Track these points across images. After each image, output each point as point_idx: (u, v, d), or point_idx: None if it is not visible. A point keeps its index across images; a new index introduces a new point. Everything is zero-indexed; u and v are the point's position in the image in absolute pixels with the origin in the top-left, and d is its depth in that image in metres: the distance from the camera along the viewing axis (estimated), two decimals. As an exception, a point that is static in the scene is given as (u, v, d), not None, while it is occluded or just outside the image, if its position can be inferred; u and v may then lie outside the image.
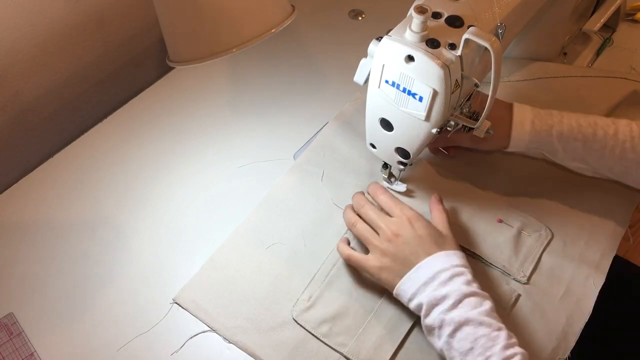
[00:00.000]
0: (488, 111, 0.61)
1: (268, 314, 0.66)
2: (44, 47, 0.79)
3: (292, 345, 0.64)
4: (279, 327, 0.65)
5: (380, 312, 0.65)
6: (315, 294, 0.67)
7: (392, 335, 0.64)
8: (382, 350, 0.63)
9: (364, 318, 0.65)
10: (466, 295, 0.57)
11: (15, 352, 0.65)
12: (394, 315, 0.65)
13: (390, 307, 0.65)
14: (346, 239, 0.70)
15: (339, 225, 0.73)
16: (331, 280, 0.68)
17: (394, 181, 0.76)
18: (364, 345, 0.63)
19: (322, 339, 0.64)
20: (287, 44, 0.95)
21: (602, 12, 0.88)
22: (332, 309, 0.66)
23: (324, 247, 0.71)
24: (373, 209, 0.67)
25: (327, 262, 0.70)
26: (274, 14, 0.66)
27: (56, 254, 0.72)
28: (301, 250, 0.71)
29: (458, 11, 0.58)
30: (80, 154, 0.83)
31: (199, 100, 0.89)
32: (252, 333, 0.65)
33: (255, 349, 0.63)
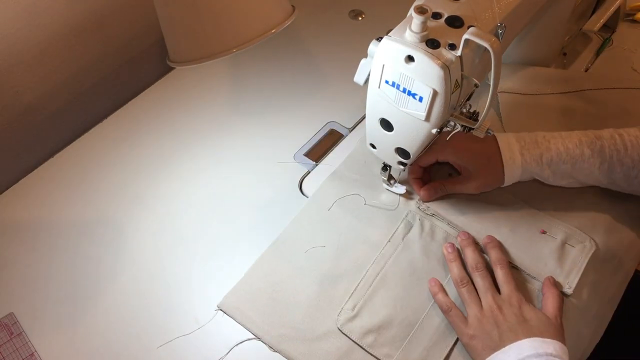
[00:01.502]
0: (488, 111, 0.61)
1: (312, 322, 0.65)
2: (44, 47, 0.79)
3: (337, 355, 0.63)
4: (323, 336, 0.64)
5: (425, 323, 0.65)
6: (360, 304, 0.66)
7: (438, 347, 0.63)
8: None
9: (409, 329, 0.64)
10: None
11: (16, 352, 0.65)
12: (439, 327, 0.64)
13: (436, 318, 0.65)
14: (437, 282, 0.67)
15: (382, 230, 0.72)
16: (375, 290, 0.67)
17: (394, 183, 0.76)
18: (410, 356, 0.62)
19: (367, 349, 0.63)
20: (287, 44, 0.95)
21: (602, 12, 0.88)
22: (377, 319, 0.65)
23: (367, 255, 0.70)
24: (488, 278, 0.65)
25: (371, 270, 0.69)
26: (274, 14, 0.66)
27: (56, 254, 0.72)
28: (344, 258, 0.70)
29: (458, 11, 0.58)
30: (80, 154, 0.83)
31: (199, 100, 0.89)
32: (297, 342, 0.64)
33: (301, 358, 0.63)
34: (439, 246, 0.70)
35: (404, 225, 0.73)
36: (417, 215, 0.73)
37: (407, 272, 0.69)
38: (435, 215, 0.73)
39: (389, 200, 0.75)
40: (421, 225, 0.72)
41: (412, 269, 0.69)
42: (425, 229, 0.72)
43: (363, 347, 0.63)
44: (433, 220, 0.73)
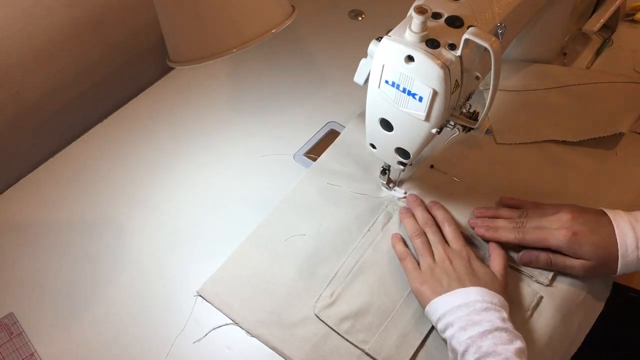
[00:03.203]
0: (488, 111, 0.61)
1: (290, 309, 0.67)
2: (44, 47, 0.79)
3: (313, 340, 0.64)
4: (300, 322, 0.66)
5: (402, 311, 0.66)
6: (338, 291, 0.68)
7: (414, 334, 0.64)
8: (403, 349, 0.63)
9: (385, 316, 0.66)
10: (499, 328, 0.56)
11: (16, 352, 0.65)
12: (415, 314, 0.66)
13: (412, 306, 0.66)
14: (400, 236, 0.71)
15: (362, 220, 0.73)
16: (353, 278, 0.69)
17: (393, 187, 0.76)
18: (385, 343, 0.64)
19: (343, 335, 0.64)
20: (287, 44, 0.95)
21: (602, 12, 0.88)
22: (354, 306, 0.66)
23: (346, 244, 0.71)
24: (438, 233, 0.68)
25: (350, 258, 0.70)
26: (274, 14, 0.66)
27: (56, 254, 0.72)
28: (324, 246, 0.71)
29: (458, 11, 0.58)
30: (80, 154, 0.83)
31: (199, 100, 0.89)
32: (274, 327, 0.65)
33: (277, 343, 0.64)
34: None
35: (384, 215, 0.74)
36: (397, 206, 0.75)
37: (385, 261, 0.70)
38: None
39: (370, 190, 0.76)
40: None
41: (390, 258, 0.70)
42: None
43: (339, 333, 0.65)
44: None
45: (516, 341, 0.56)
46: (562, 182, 0.76)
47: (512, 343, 0.56)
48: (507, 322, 0.58)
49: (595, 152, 0.78)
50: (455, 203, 0.74)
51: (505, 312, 0.59)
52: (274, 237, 0.72)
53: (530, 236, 0.66)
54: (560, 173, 0.77)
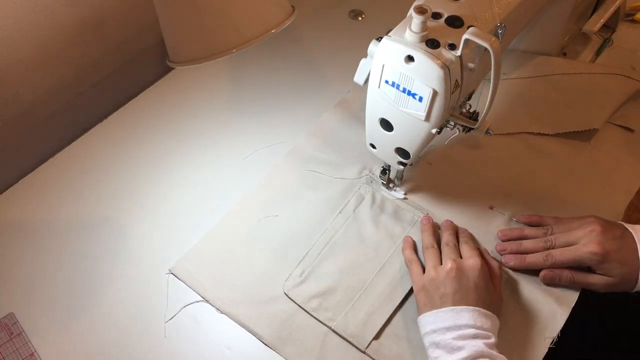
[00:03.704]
0: (488, 111, 0.61)
1: (260, 287, 0.68)
2: (44, 47, 0.79)
3: (282, 318, 0.66)
4: (270, 300, 0.67)
5: (370, 291, 0.67)
6: (307, 271, 0.69)
7: (380, 312, 0.66)
8: (369, 326, 0.65)
9: (353, 295, 0.67)
10: (482, 355, 0.56)
11: (16, 352, 0.65)
12: (382, 293, 0.67)
13: (380, 285, 0.68)
14: (411, 241, 0.70)
15: (334, 202, 0.75)
16: (323, 258, 0.70)
17: (393, 187, 0.76)
18: (352, 321, 0.65)
19: (311, 313, 0.66)
20: (287, 44, 0.95)
21: (602, 12, 0.88)
22: (323, 285, 0.68)
23: (318, 225, 0.73)
24: (453, 242, 0.67)
25: (321, 239, 0.72)
26: (274, 15, 0.66)
27: (56, 254, 0.72)
28: (296, 228, 0.73)
29: (458, 11, 0.58)
30: (80, 154, 0.83)
31: (199, 100, 0.89)
32: (244, 305, 0.67)
33: (246, 320, 0.66)
34: (388, 218, 0.74)
35: (356, 197, 0.76)
36: (369, 188, 0.76)
37: (355, 242, 0.72)
38: (387, 191, 0.76)
39: (343, 175, 0.78)
40: (372, 198, 0.76)
41: (360, 239, 0.72)
42: (377, 202, 0.75)
43: (307, 310, 0.66)
44: (384, 194, 0.76)
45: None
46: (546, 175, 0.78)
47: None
48: (493, 348, 0.57)
49: (572, 142, 0.80)
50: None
51: (494, 336, 0.59)
52: (248, 218, 0.74)
53: (562, 258, 0.65)
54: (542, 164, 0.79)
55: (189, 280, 0.69)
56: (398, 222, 0.73)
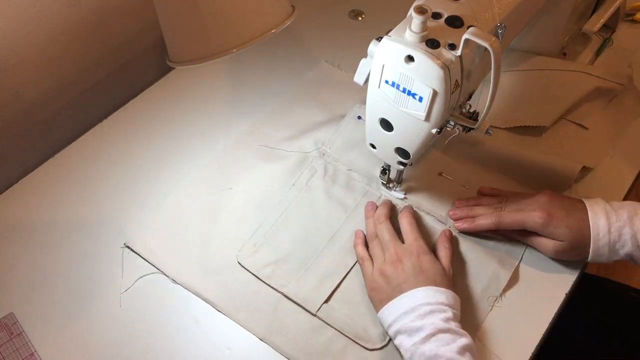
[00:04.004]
0: (488, 111, 0.61)
1: (214, 257, 0.71)
2: (44, 47, 0.79)
3: (235, 286, 0.68)
4: (224, 269, 0.70)
5: (321, 258, 0.70)
6: (261, 241, 0.72)
7: (331, 277, 0.68)
8: (320, 291, 0.67)
9: (305, 262, 0.70)
10: (440, 330, 0.57)
11: (16, 352, 0.65)
12: (333, 261, 0.70)
13: (331, 253, 0.71)
14: (362, 235, 0.71)
15: (288, 175, 0.78)
16: (277, 228, 0.73)
17: (393, 187, 0.76)
18: (303, 286, 0.68)
19: (264, 280, 0.69)
20: (287, 44, 0.95)
21: (602, 12, 0.88)
22: (276, 255, 0.70)
23: (272, 197, 0.76)
24: (389, 230, 0.68)
25: (275, 211, 0.74)
26: (274, 15, 0.66)
27: (56, 254, 0.72)
28: (250, 200, 0.76)
29: (458, 11, 0.58)
30: (80, 154, 0.83)
31: (199, 100, 0.89)
32: (198, 275, 0.69)
33: (200, 289, 0.68)
34: (340, 189, 0.76)
35: (309, 170, 0.78)
36: (322, 161, 0.79)
37: (308, 213, 0.74)
38: (339, 161, 0.79)
39: (297, 148, 0.81)
40: (325, 170, 0.78)
41: (313, 210, 0.74)
42: (329, 173, 0.78)
43: (260, 278, 0.69)
44: (336, 165, 0.79)
45: (459, 339, 0.57)
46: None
47: (455, 342, 0.56)
48: (451, 322, 0.58)
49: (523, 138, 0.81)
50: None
51: (451, 310, 0.60)
52: (204, 191, 0.77)
53: (507, 219, 0.68)
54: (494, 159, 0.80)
55: (144, 253, 0.71)
56: (350, 192, 0.76)
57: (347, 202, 0.75)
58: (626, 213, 0.63)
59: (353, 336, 0.64)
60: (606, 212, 0.64)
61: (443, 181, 0.77)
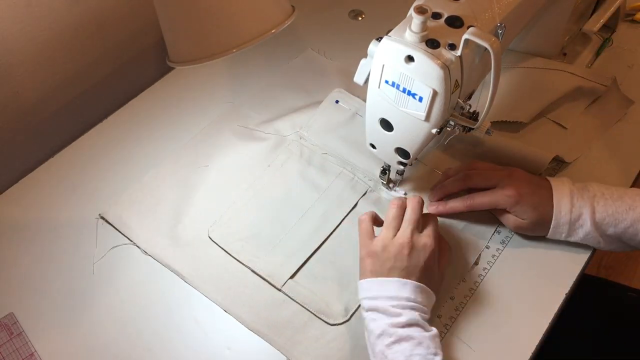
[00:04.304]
0: (488, 111, 0.61)
1: (186, 231, 0.73)
2: (44, 47, 0.79)
3: (204, 259, 0.70)
4: (194, 243, 0.72)
5: (290, 236, 0.72)
6: (233, 217, 0.74)
7: (298, 255, 0.70)
8: (286, 267, 0.69)
9: (274, 240, 0.72)
10: (417, 323, 0.58)
11: (16, 352, 0.65)
12: (302, 239, 0.72)
13: (300, 231, 0.72)
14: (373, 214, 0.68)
15: (264, 156, 0.80)
16: (250, 206, 0.75)
17: (393, 187, 0.76)
18: (271, 262, 0.70)
19: (233, 255, 0.70)
20: (287, 44, 0.95)
21: (602, 12, 0.88)
22: (247, 231, 0.72)
23: (247, 177, 0.78)
24: (416, 214, 0.66)
25: (249, 189, 0.76)
26: (274, 15, 0.66)
27: (56, 254, 0.72)
28: (226, 178, 0.78)
29: (458, 11, 0.58)
30: (80, 154, 0.83)
31: (199, 100, 0.89)
32: (169, 247, 0.71)
33: (169, 260, 0.70)
34: (315, 171, 0.78)
35: (286, 152, 0.80)
36: (298, 144, 0.81)
37: (281, 193, 0.76)
38: (315, 144, 0.81)
39: (275, 130, 0.83)
40: (301, 152, 0.80)
41: (286, 190, 0.76)
42: (304, 156, 0.80)
43: (229, 252, 0.71)
44: (312, 149, 0.80)
45: (432, 329, 0.59)
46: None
47: (428, 331, 0.58)
48: (426, 322, 0.60)
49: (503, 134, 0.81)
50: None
51: (429, 312, 0.61)
52: (181, 168, 0.79)
53: (480, 201, 0.70)
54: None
55: (118, 224, 0.73)
56: (324, 174, 0.78)
57: (321, 183, 0.77)
58: (588, 193, 0.65)
59: (315, 311, 0.66)
60: (570, 192, 0.66)
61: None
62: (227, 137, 0.82)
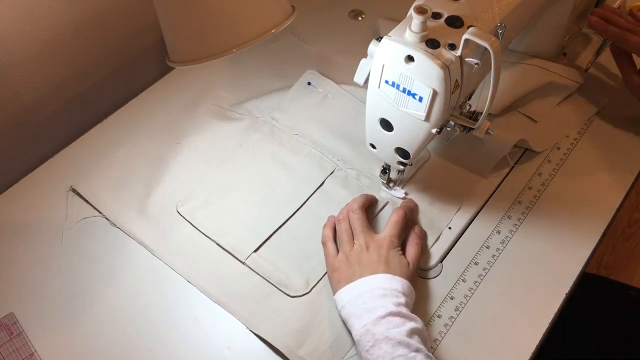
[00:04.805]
0: (488, 111, 0.61)
1: (155, 205, 0.75)
2: (44, 47, 0.79)
3: (172, 232, 0.72)
4: (162, 216, 0.74)
5: (255, 209, 0.74)
6: (202, 193, 0.76)
7: (262, 230, 0.72)
8: (250, 242, 0.71)
9: (239, 214, 0.74)
10: (391, 313, 0.58)
11: (16, 352, 0.65)
12: (267, 215, 0.73)
13: (266, 206, 0.74)
14: (333, 219, 0.72)
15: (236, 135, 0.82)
16: (219, 183, 0.77)
17: (393, 186, 0.76)
18: (236, 235, 0.72)
19: (198, 227, 0.73)
20: (287, 44, 0.95)
21: (602, 12, 0.87)
22: (214, 207, 0.74)
23: (220, 153, 0.80)
24: (361, 220, 0.69)
25: (220, 167, 0.78)
26: (274, 14, 0.66)
27: (56, 254, 0.72)
28: (196, 156, 0.80)
29: (458, 11, 0.58)
30: (80, 154, 0.82)
31: (199, 100, 0.88)
32: (137, 220, 0.73)
33: (136, 232, 0.72)
34: (287, 152, 0.80)
35: (258, 132, 0.82)
36: (270, 125, 0.83)
37: (251, 172, 0.78)
38: (287, 125, 0.82)
39: (246, 110, 0.85)
40: (272, 133, 0.82)
41: (256, 169, 0.78)
42: (276, 137, 0.81)
43: (195, 225, 0.73)
44: (284, 129, 0.82)
45: (409, 322, 0.57)
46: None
47: (405, 325, 0.57)
48: (402, 307, 0.59)
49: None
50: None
51: (404, 297, 0.60)
52: (154, 144, 0.81)
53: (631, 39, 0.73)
54: None
55: (89, 196, 0.75)
56: (294, 155, 0.79)
57: (291, 162, 0.78)
58: None
59: (276, 283, 0.68)
60: None
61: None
62: (201, 116, 0.84)
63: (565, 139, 0.81)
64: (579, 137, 0.82)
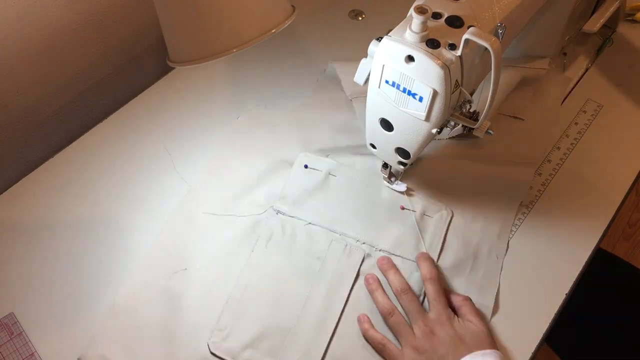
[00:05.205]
0: (488, 111, 0.61)
1: (183, 351, 0.63)
2: (44, 47, 0.79)
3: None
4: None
5: (300, 325, 0.65)
6: (231, 323, 0.65)
7: (316, 344, 0.63)
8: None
9: (285, 334, 0.64)
10: None
11: (16, 352, 0.65)
12: (313, 325, 0.65)
13: (310, 317, 0.65)
14: (367, 317, 0.65)
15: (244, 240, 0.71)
16: (244, 304, 0.66)
17: (394, 181, 0.76)
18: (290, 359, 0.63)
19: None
20: (287, 44, 0.95)
21: (602, 12, 0.87)
22: (251, 333, 0.64)
23: (231, 270, 0.69)
24: (415, 301, 0.64)
25: (238, 284, 0.68)
26: (274, 14, 0.66)
27: (56, 254, 0.72)
28: (208, 276, 0.69)
29: (458, 11, 0.58)
30: (81, 154, 0.82)
31: (199, 100, 0.89)
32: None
33: None
34: (302, 245, 0.70)
35: (266, 231, 0.72)
36: (277, 219, 0.73)
37: (274, 282, 0.68)
38: (295, 217, 0.73)
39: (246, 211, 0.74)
40: (282, 229, 0.72)
41: (278, 276, 0.68)
42: (287, 232, 0.72)
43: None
44: (293, 222, 0.72)
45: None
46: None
47: None
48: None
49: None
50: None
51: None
52: (154, 279, 0.69)
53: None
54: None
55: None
56: (313, 247, 0.70)
57: (312, 259, 0.69)
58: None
59: None
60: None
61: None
62: (195, 229, 0.72)
63: (565, 139, 0.81)
64: (579, 137, 0.82)
